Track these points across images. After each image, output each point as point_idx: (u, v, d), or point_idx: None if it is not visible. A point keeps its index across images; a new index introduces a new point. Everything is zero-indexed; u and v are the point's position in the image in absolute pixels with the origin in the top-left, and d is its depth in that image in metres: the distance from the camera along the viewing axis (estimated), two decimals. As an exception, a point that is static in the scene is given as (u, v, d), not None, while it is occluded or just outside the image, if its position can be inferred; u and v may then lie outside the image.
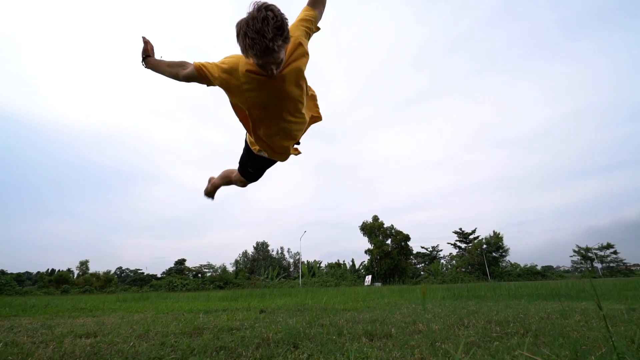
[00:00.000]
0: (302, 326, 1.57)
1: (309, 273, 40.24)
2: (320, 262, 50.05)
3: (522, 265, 40.59)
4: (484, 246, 40.27)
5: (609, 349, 0.75)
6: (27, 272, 51.06)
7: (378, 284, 23.90)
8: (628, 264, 40.48)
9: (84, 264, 47.94)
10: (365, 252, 36.94)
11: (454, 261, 43.99)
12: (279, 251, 60.13)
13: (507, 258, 40.81)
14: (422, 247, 46.00)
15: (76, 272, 48.23)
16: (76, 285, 36.39)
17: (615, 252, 40.46)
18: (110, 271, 46.90)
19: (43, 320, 2.28)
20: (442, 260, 45.37)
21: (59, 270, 44.90)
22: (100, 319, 2.25)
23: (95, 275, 43.09)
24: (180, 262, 47.69)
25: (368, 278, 29.25)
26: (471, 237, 43.90)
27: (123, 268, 56.10)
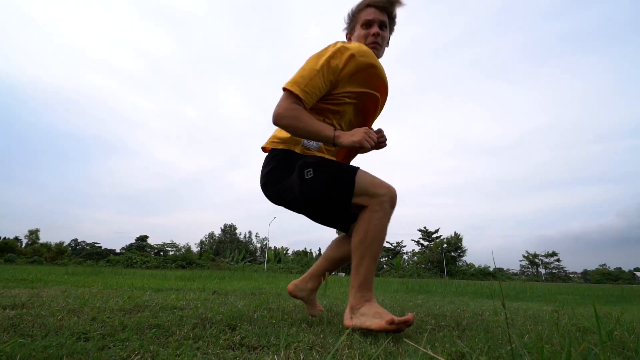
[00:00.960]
0: (248, 309, 1.58)
1: (275, 259, 40.36)
2: (288, 249, 50.35)
3: (476, 265, 43.35)
4: (445, 245, 42.42)
5: (518, 344, 0.82)
6: (-34, 237, 46.81)
7: (341, 274, 24.52)
8: (567, 271, 44.57)
9: (33, 233, 44.77)
10: (332, 242, 37.67)
11: (415, 257, 46.04)
12: (247, 235, 59.59)
13: (464, 258, 43.40)
14: (387, 242, 47.68)
15: (25, 241, 45.01)
16: (23, 254, 34.01)
17: (558, 260, 44.30)
18: (63, 243, 44.28)
19: (-29, 288, 2.11)
20: (404, 256, 47.33)
21: (4, 238, 41.57)
22: (37, 291, 2.12)
23: (46, 245, 40.51)
24: (142, 238, 45.90)
25: (332, 268, 29.87)
26: (434, 236, 46.02)
27: (79, 240, 52.93)
